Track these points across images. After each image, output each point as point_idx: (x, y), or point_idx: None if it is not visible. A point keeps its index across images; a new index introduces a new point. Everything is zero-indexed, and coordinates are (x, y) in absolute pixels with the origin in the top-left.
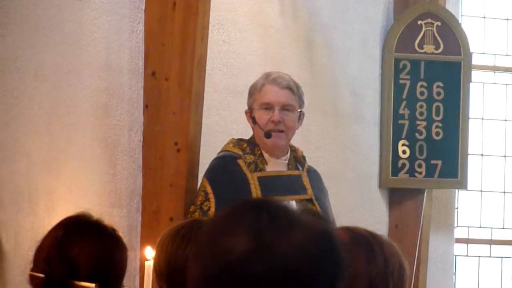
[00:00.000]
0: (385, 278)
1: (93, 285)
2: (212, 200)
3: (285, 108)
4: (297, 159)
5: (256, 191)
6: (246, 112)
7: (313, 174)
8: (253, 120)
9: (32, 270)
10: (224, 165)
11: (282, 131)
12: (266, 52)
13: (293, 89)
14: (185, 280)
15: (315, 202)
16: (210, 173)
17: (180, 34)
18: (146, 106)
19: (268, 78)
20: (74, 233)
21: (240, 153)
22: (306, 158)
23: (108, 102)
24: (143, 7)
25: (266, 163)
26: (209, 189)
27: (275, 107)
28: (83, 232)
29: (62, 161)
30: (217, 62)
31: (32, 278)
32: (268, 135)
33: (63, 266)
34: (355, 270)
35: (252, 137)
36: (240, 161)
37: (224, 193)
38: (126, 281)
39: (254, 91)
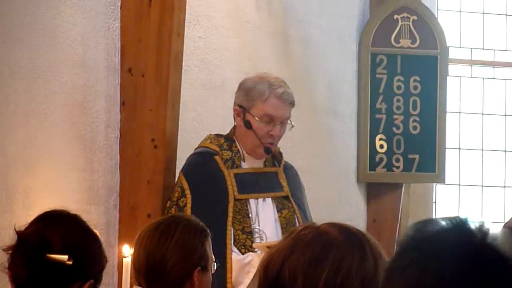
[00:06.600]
0: (375, 278)
1: (66, 257)
2: (189, 196)
3: (283, 122)
4: (274, 156)
5: (232, 188)
6: (235, 110)
7: (289, 171)
8: (246, 124)
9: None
10: (201, 161)
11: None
12: (242, 48)
13: (294, 103)
14: (163, 276)
15: (291, 199)
16: (187, 169)
17: (156, 31)
18: (122, 103)
19: (275, 91)
20: (50, 222)
21: (217, 149)
22: (283, 154)
23: (85, 99)
24: (119, 3)
25: (243, 160)
26: (185, 185)
27: (276, 121)
28: (59, 222)
29: (39, 158)
30: (193, 58)
31: (5, 250)
32: (268, 151)
33: (35, 239)
34: (349, 269)
35: (231, 133)
36: (217, 158)
37: (201, 190)
38: (104, 278)
39: (255, 97)
